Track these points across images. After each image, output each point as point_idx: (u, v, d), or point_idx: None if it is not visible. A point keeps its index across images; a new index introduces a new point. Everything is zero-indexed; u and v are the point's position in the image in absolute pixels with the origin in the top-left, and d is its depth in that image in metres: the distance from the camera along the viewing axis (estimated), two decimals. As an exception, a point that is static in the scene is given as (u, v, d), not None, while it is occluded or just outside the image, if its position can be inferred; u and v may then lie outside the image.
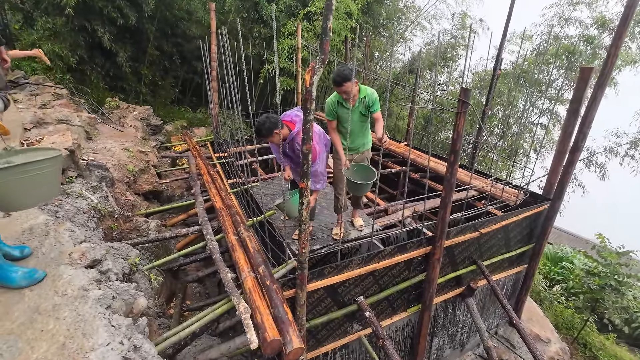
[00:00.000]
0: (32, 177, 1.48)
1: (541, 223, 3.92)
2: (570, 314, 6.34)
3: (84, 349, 1.21)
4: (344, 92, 2.83)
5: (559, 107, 8.66)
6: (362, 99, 2.95)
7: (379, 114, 3.01)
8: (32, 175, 1.48)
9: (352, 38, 7.99)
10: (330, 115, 3.05)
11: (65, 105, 5.01)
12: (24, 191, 1.48)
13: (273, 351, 1.85)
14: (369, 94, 2.95)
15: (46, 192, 1.59)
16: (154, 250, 3.56)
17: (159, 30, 8.19)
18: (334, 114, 3.04)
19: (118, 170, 3.81)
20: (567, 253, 9.59)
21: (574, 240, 16.56)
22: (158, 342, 1.94)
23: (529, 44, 8.97)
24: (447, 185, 2.73)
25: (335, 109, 3.01)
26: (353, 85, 2.72)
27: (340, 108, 2.99)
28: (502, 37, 4.20)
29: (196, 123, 9.00)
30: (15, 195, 1.45)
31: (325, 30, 1.81)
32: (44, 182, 1.54)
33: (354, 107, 2.96)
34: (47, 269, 1.60)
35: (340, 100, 2.95)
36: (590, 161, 8.51)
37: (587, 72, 3.37)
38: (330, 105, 3.01)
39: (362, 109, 3.00)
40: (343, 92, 2.83)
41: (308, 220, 2.04)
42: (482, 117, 4.97)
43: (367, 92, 2.95)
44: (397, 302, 3.19)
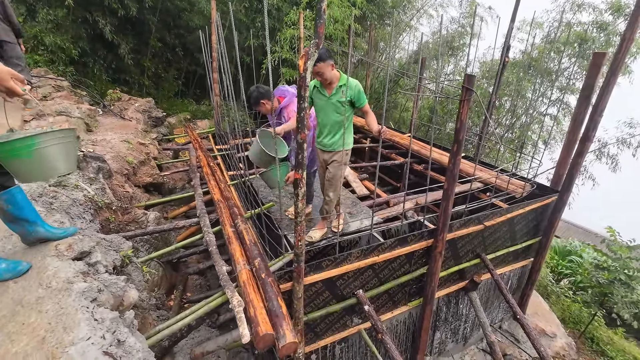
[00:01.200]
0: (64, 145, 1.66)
1: (548, 216, 3.80)
2: (578, 308, 6.23)
3: (64, 343, 1.17)
4: (316, 74, 2.56)
5: (570, 97, 8.40)
6: (339, 87, 2.62)
7: (367, 107, 2.73)
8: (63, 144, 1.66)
9: (357, 27, 7.81)
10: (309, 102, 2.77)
11: (66, 97, 4.99)
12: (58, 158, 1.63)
13: (266, 345, 1.81)
14: (351, 85, 2.59)
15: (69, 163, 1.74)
16: (154, 243, 3.55)
17: (160, 22, 8.11)
18: (310, 99, 2.76)
19: (117, 162, 3.79)
20: (576, 247, 9.41)
21: (583, 234, 16.29)
22: (150, 334, 1.91)
23: (539, 31, 8.67)
24: (449, 177, 2.64)
25: (311, 92, 2.72)
26: (328, 67, 2.46)
27: (317, 94, 2.73)
28: (510, 23, 4.03)
29: (200, 115, 8.96)
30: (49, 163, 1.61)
31: (319, 13, 1.72)
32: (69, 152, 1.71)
33: (330, 95, 2.67)
34: (33, 261, 1.57)
35: (318, 85, 2.69)
36: (601, 152, 8.27)
37: (600, 58, 3.22)
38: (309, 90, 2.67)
39: (339, 98, 2.63)
40: (315, 73, 2.54)
41: (304, 202, 1.98)
42: (488, 106, 4.82)
43: (349, 82, 2.55)
44: (397, 296, 3.13)
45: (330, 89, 2.66)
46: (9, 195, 1.60)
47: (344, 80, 2.60)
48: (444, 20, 10.30)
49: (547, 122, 8.65)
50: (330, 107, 2.69)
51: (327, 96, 2.67)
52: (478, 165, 4.19)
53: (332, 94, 2.66)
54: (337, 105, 2.66)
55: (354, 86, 2.62)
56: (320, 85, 2.69)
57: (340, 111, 2.67)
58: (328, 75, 2.56)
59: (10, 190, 1.60)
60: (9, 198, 1.60)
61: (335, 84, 2.64)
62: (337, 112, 2.69)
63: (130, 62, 7.83)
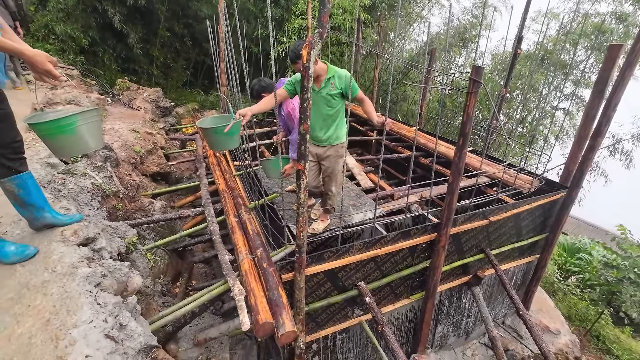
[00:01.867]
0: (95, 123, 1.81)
1: (556, 212, 3.74)
2: (585, 306, 6.17)
3: (67, 326, 1.21)
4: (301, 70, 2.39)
5: (585, 91, 8.17)
6: (328, 79, 2.49)
7: (362, 94, 2.62)
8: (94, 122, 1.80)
9: (366, 17, 7.68)
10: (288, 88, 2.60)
11: (76, 86, 5.05)
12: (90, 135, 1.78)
13: (265, 333, 1.84)
14: (340, 75, 2.48)
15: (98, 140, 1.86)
16: (160, 231, 3.60)
17: (169, 11, 8.11)
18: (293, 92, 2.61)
19: (124, 151, 3.84)
20: (585, 244, 9.27)
21: (593, 231, 16.01)
22: (153, 320, 1.96)
23: (555, 22, 8.41)
24: (454, 171, 2.60)
25: (296, 87, 2.57)
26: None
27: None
28: (524, 13, 3.91)
29: (208, 106, 8.99)
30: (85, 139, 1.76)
31: (323, 2, 1.69)
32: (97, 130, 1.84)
33: (319, 89, 2.53)
34: (40, 246, 1.61)
35: None
36: (615, 148, 8.06)
37: (616, 50, 3.11)
38: (293, 80, 2.58)
39: (329, 91, 2.50)
40: (299, 70, 2.42)
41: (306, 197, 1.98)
42: (499, 99, 4.72)
43: (338, 73, 2.47)
44: (399, 289, 3.13)
45: (318, 83, 2.53)
46: (21, 180, 1.64)
47: (332, 72, 2.49)
48: (457, 11, 10.06)
49: (560, 116, 8.45)
50: (321, 101, 2.57)
51: (316, 90, 2.53)
52: (485, 160, 4.13)
53: (322, 87, 2.53)
54: (328, 99, 2.55)
55: (344, 76, 2.50)
56: None
57: (331, 104, 2.57)
58: (317, 72, 2.46)
59: (22, 175, 1.65)
60: (21, 183, 1.64)
61: (324, 76, 2.51)
62: (329, 105, 2.58)
63: (139, 52, 7.88)
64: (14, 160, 1.61)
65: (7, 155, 1.57)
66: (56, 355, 1.11)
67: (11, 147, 1.58)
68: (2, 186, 1.62)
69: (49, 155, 2.73)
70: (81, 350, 1.13)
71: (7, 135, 1.55)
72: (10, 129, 1.57)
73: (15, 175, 1.61)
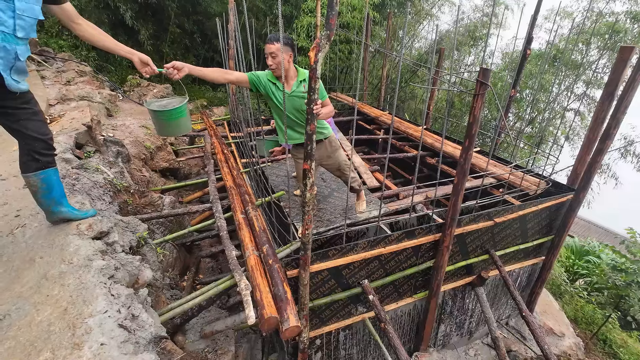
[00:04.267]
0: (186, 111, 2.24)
1: (563, 214, 3.72)
2: (592, 309, 6.12)
3: (84, 315, 1.28)
4: (269, 54, 2.35)
5: (597, 92, 8.04)
6: (300, 82, 2.51)
7: (328, 101, 2.59)
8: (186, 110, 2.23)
9: (375, 15, 7.66)
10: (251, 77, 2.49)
11: (88, 82, 5.16)
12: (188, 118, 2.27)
13: (270, 328, 1.90)
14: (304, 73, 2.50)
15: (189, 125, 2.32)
16: (168, 225, 3.69)
17: (179, 8, 8.18)
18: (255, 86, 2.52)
19: (135, 147, 3.92)
20: (594, 247, 9.16)
21: (603, 234, 15.77)
22: (163, 312, 2.03)
23: (568, 21, 8.27)
24: (460, 171, 2.62)
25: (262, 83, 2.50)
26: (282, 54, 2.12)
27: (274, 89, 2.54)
28: (535, 13, 3.87)
29: (216, 102, 9.07)
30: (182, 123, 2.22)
31: (331, 4, 1.72)
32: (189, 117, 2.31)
33: (290, 92, 2.53)
34: (56, 239, 1.69)
35: (272, 78, 2.51)
36: (627, 151, 7.92)
37: (628, 52, 3.07)
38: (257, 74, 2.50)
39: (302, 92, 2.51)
40: (268, 53, 2.35)
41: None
42: (508, 100, 4.69)
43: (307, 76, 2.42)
44: (403, 287, 3.16)
45: (289, 86, 2.53)
46: (47, 175, 1.71)
47: (303, 75, 2.51)
48: (467, 9, 9.96)
49: (570, 117, 8.33)
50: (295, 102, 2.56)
51: (287, 92, 2.51)
52: (492, 160, 4.12)
53: (293, 90, 2.53)
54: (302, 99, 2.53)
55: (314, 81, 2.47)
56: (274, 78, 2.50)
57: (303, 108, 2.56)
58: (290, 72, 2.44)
59: (49, 170, 1.72)
60: (46, 178, 1.71)
61: (294, 79, 2.53)
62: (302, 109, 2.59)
63: (150, 48, 7.97)
64: (46, 155, 1.70)
65: (40, 151, 1.66)
66: (73, 342, 1.17)
67: (43, 142, 1.67)
68: (27, 180, 1.69)
69: (63, 150, 2.81)
70: (96, 339, 1.19)
71: (39, 131, 1.64)
72: (41, 125, 1.66)
73: (43, 169, 1.69)
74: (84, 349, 1.16)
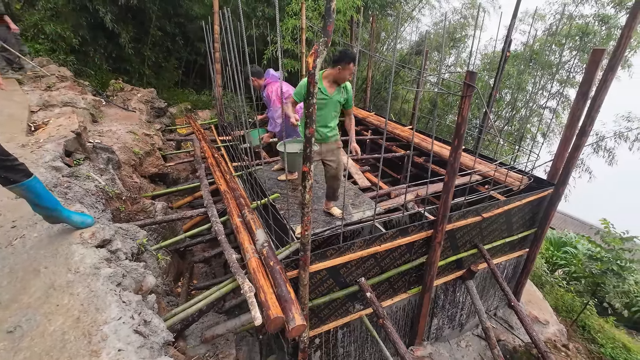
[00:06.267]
0: None
1: (544, 208, 3.92)
2: (571, 298, 6.42)
3: (98, 323, 1.28)
4: (349, 74, 2.79)
5: (570, 90, 8.46)
6: (342, 88, 2.93)
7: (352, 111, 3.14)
8: None
9: (358, 18, 7.78)
10: (299, 95, 2.93)
11: (70, 87, 5.02)
12: None
13: (276, 327, 1.93)
14: (348, 87, 2.96)
15: None
16: (161, 232, 3.65)
17: (160, 10, 8.06)
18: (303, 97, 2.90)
19: (124, 153, 3.86)
20: (571, 238, 9.60)
21: (579, 226, 16.53)
22: (167, 317, 2.03)
23: (541, 23, 8.68)
24: (450, 170, 2.73)
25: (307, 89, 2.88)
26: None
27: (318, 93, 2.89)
28: (512, 18, 4.07)
29: (200, 105, 8.97)
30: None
31: (328, 12, 1.78)
32: None
33: (332, 95, 2.90)
34: (60, 248, 1.67)
35: (320, 84, 2.86)
36: (598, 146, 8.38)
37: (599, 54, 3.28)
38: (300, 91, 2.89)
39: (340, 99, 2.96)
40: (349, 73, 2.78)
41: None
42: (489, 100, 4.89)
43: (347, 85, 2.96)
44: (398, 284, 3.26)
45: (332, 89, 2.89)
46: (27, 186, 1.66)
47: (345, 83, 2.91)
48: (446, 11, 10.26)
49: (547, 115, 8.73)
50: (331, 106, 2.96)
51: (329, 95, 2.89)
52: (477, 158, 4.28)
53: (334, 94, 2.91)
54: (337, 105, 2.97)
55: (350, 89, 2.98)
56: (323, 85, 2.87)
57: (337, 109, 3.03)
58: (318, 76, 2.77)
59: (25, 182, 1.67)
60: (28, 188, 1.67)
61: (340, 85, 2.90)
62: (335, 110, 3.02)
63: (131, 52, 7.82)
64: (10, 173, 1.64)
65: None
66: (91, 349, 1.18)
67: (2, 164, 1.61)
68: (12, 191, 1.66)
69: (53, 159, 2.75)
70: (114, 345, 1.20)
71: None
72: None
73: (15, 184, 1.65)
74: (102, 356, 1.17)
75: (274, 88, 3.74)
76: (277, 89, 3.79)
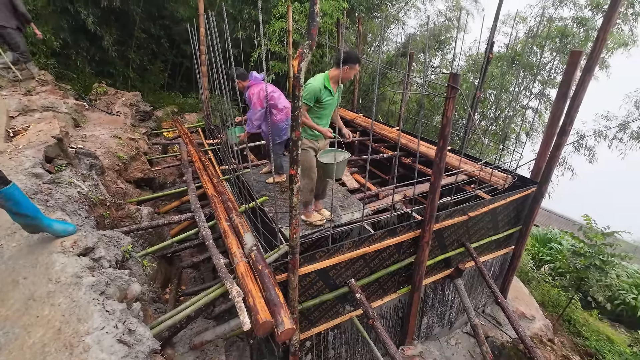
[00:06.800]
0: None
1: (528, 206, 4.01)
2: (557, 293, 6.58)
3: (80, 333, 1.25)
4: (353, 74, 2.98)
5: (551, 91, 8.68)
6: (339, 87, 3.13)
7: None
8: None
9: (345, 20, 7.83)
10: (312, 100, 2.99)
11: (51, 91, 4.90)
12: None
13: (265, 332, 1.92)
14: (340, 86, 3.18)
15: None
16: (148, 238, 3.58)
17: (145, 12, 7.94)
18: (314, 100, 2.99)
19: (108, 158, 3.78)
20: (555, 234, 9.84)
21: (563, 222, 16.96)
22: (154, 325, 1.99)
23: (522, 25, 8.89)
24: (436, 170, 2.77)
25: (319, 94, 2.99)
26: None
27: (326, 93, 3.03)
28: (494, 20, 4.16)
29: (187, 108, 8.86)
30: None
31: (312, 15, 1.79)
32: None
33: (335, 94, 3.10)
34: (40, 258, 1.62)
35: (328, 85, 2.99)
36: (579, 144, 8.62)
37: (577, 56, 3.38)
38: (317, 89, 2.95)
39: (339, 97, 3.22)
40: (353, 73, 2.96)
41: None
42: (474, 101, 4.98)
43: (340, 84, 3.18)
44: (387, 284, 3.28)
45: (335, 88, 3.07)
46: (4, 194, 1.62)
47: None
48: (431, 14, 10.42)
49: (529, 114, 8.94)
50: (334, 104, 3.19)
51: (334, 95, 3.07)
52: (463, 158, 4.35)
53: (337, 93, 3.13)
54: (337, 102, 3.21)
55: (341, 86, 3.19)
56: (329, 85, 3.03)
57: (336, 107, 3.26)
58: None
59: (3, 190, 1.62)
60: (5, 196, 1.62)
61: (339, 84, 3.08)
62: (335, 107, 3.26)
63: (115, 54, 7.67)
64: None
65: None
66: (72, 361, 1.15)
67: None
68: None
69: (33, 165, 2.68)
70: (96, 356, 1.18)
71: None
72: None
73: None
74: (84, 368, 1.14)
75: (256, 90, 3.83)
76: (259, 91, 3.82)
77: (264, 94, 3.74)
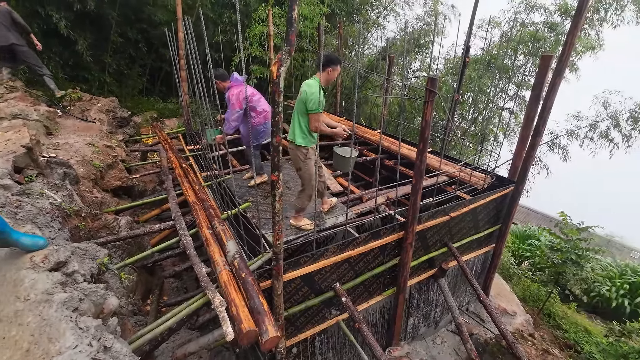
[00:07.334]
0: None
1: (507, 205, 4.12)
2: (537, 288, 6.78)
3: (50, 354, 1.19)
4: (336, 75, 3.06)
5: (526, 93, 9.00)
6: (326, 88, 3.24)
7: None
8: None
9: (325, 24, 7.88)
10: (322, 106, 3.07)
11: (21, 98, 4.70)
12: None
13: (249, 341, 1.89)
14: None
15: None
16: (127, 248, 3.47)
17: (121, 16, 7.73)
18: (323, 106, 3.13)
19: (83, 167, 3.65)
20: (534, 231, 10.16)
21: (541, 219, 17.57)
22: (133, 339, 1.92)
23: (497, 30, 9.19)
24: (417, 172, 2.81)
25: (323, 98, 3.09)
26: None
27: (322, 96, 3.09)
28: (470, 25, 4.29)
29: (167, 114, 8.67)
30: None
31: (290, 21, 1.79)
32: None
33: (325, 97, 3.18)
34: (7, 274, 1.54)
35: (323, 88, 3.06)
36: (553, 144, 8.96)
37: (548, 60, 3.52)
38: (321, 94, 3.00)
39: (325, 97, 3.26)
40: (336, 74, 3.06)
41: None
42: (452, 104, 5.10)
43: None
44: (373, 287, 3.29)
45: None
46: None
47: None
48: (410, 18, 10.62)
49: (506, 115, 9.23)
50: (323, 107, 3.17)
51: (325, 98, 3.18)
52: (443, 160, 4.44)
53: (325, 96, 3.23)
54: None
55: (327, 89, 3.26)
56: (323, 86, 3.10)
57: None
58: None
59: None
60: None
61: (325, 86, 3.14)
62: None
63: (90, 59, 7.43)
64: None
65: None
66: (42, 384, 1.09)
67: None
68: None
69: (0, 176, 2.54)
70: (68, 377, 1.12)
71: None
72: None
73: None
74: (55, 390, 1.09)
75: (236, 91, 3.83)
76: (238, 92, 3.80)
77: (243, 95, 3.75)
